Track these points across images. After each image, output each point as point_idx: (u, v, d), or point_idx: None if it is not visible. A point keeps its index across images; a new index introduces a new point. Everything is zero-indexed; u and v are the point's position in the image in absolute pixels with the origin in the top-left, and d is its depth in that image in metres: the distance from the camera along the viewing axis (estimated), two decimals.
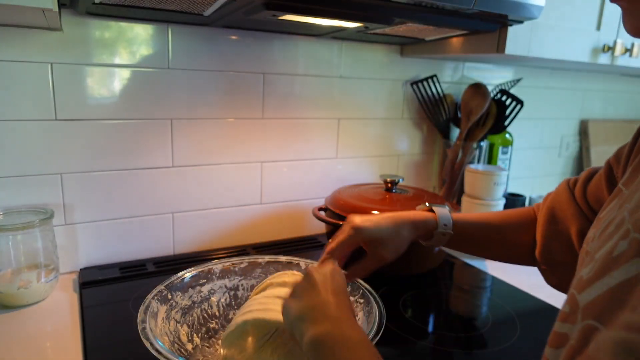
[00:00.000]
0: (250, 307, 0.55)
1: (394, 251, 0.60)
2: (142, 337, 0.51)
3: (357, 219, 0.59)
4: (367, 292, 0.63)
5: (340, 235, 0.58)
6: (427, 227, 0.62)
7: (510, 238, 0.63)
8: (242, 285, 0.71)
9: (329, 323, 0.40)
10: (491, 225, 0.64)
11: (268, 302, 0.54)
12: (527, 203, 1.36)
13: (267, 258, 0.72)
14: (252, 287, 0.70)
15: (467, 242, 0.65)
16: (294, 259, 0.72)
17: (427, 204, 0.68)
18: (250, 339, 0.53)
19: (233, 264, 0.71)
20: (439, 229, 0.61)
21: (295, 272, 0.62)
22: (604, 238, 0.30)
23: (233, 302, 0.69)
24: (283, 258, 0.73)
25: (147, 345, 0.50)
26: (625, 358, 0.21)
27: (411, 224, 0.61)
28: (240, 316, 0.54)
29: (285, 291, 0.54)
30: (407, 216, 0.61)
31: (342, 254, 0.59)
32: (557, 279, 0.58)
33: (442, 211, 0.63)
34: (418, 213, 0.63)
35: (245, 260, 0.71)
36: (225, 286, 0.69)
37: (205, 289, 0.67)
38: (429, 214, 0.63)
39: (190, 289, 0.65)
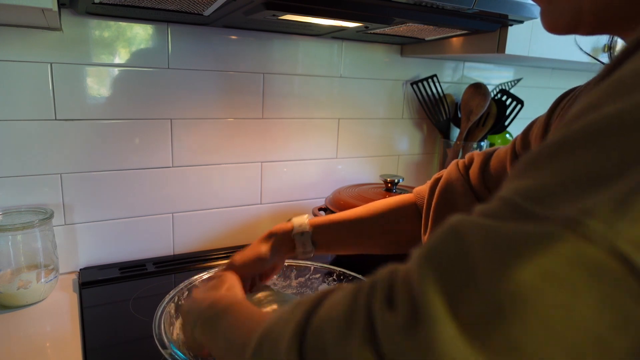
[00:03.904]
0: None
1: (271, 271, 0.63)
2: (158, 344, 0.51)
3: (233, 262, 0.60)
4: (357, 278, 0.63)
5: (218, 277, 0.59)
6: (286, 238, 0.61)
7: (390, 229, 0.63)
8: None
9: (216, 300, 0.46)
10: (363, 220, 0.63)
11: None
12: None
13: (287, 262, 0.71)
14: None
15: (337, 242, 0.64)
16: (308, 264, 0.72)
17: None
18: None
19: None
20: (294, 233, 0.60)
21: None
22: None
23: None
24: (302, 263, 0.72)
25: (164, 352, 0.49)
26: (452, 240, 0.21)
27: (267, 242, 0.61)
28: None
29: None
30: (264, 236, 0.62)
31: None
32: None
33: (299, 219, 0.62)
34: (277, 227, 0.63)
35: None
36: None
37: None
38: (286, 225, 0.62)
39: None
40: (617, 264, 0.17)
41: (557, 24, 0.33)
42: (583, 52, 0.56)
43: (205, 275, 0.66)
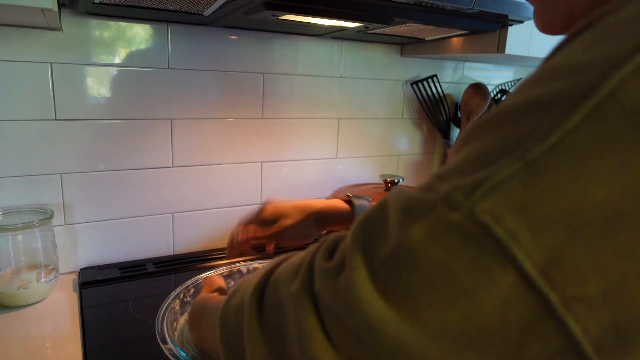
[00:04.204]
0: None
1: (298, 236, 0.63)
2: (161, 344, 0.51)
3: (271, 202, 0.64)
4: None
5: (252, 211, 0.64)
6: (339, 219, 0.62)
7: None
8: None
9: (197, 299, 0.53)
10: None
11: None
12: None
13: None
14: None
15: None
16: None
17: (348, 194, 0.67)
18: None
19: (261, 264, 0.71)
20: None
21: None
22: None
23: None
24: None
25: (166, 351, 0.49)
26: (380, 207, 0.26)
27: (318, 214, 0.62)
28: None
29: None
30: (317, 206, 0.63)
31: (250, 222, 0.64)
32: None
33: (361, 202, 0.63)
34: (331, 203, 0.63)
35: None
36: None
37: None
38: (343, 206, 0.63)
39: None
40: (478, 230, 0.20)
41: (550, 24, 0.33)
42: None
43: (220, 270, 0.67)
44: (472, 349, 0.20)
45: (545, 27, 0.34)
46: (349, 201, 0.65)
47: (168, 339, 0.50)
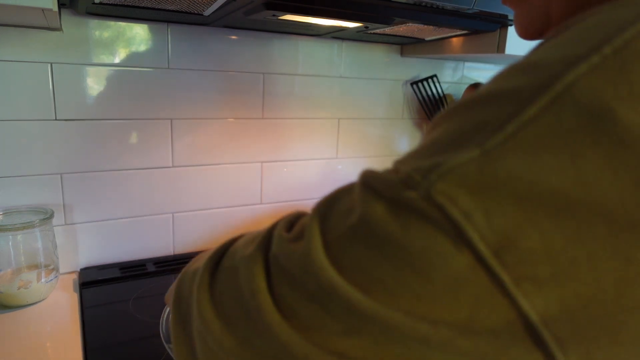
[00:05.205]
0: None
1: None
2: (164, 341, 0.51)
3: None
4: None
5: None
6: None
7: None
8: None
9: None
10: None
11: None
12: None
13: None
14: None
15: None
16: None
17: None
18: None
19: None
20: None
21: None
22: None
23: None
24: None
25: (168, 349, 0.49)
26: (345, 187, 0.27)
27: None
28: None
29: None
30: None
31: None
32: None
33: None
34: None
35: None
36: None
37: None
38: None
39: None
40: (434, 210, 0.20)
41: (527, 29, 0.34)
42: None
43: None
44: (423, 322, 0.21)
45: (523, 32, 0.34)
46: None
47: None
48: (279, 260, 0.26)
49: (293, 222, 0.29)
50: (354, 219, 0.23)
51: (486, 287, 0.20)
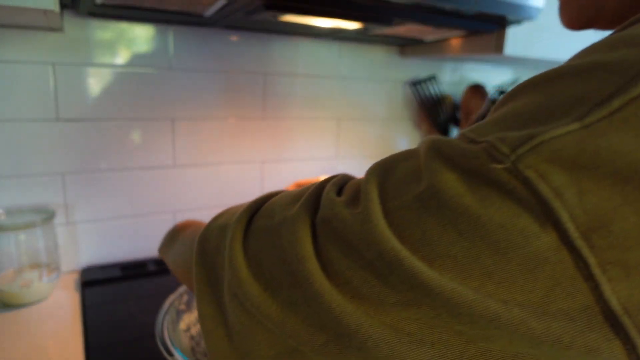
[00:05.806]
0: None
1: None
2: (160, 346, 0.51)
3: None
4: None
5: None
6: None
7: None
8: None
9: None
10: None
11: None
12: None
13: None
14: None
15: None
16: None
17: None
18: None
19: None
20: None
21: None
22: None
23: None
24: None
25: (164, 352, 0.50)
26: (405, 151, 0.25)
27: None
28: None
29: None
30: None
31: None
32: None
33: None
34: None
35: None
36: None
37: None
38: None
39: None
40: (520, 185, 0.19)
41: (578, 19, 0.33)
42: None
43: None
44: (493, 300, 0.20)
45: (570, 22, 0.34)
46: None
47: (172, 349, 0.50)
48: (332, 223, 0.24)
49: (341, 185, 0.27)
50: (422, 187, 0.21)
51: (567, 270, 0.18)
